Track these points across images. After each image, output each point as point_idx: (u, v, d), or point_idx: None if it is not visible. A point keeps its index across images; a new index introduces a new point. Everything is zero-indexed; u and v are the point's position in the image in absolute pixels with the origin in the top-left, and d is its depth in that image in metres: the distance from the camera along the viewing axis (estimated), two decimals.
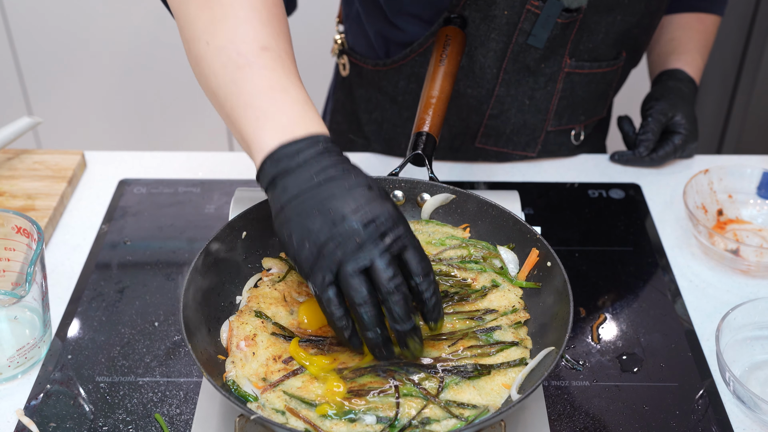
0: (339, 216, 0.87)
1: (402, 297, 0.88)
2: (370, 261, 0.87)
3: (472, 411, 0.92)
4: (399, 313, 0.88)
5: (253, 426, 0.89)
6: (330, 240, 0.87)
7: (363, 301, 0.87)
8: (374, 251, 0.87)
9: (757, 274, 1.25)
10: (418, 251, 0.90)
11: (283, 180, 0.90)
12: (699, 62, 1.53)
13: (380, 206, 0.88)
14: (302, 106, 0.95)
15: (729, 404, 1.06)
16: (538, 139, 1.47)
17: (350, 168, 0.92)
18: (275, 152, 0.91)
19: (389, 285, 0.87)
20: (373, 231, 0.87)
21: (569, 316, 0.96)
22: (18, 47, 2.63)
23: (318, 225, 0.87)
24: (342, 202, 0.88)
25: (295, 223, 0.89)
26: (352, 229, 0.87)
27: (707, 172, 1.35)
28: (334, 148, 0.93)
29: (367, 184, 0.90)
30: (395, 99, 1.48)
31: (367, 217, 0.87)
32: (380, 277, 0.87)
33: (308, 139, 0.91)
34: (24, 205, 1.33)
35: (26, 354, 1.07)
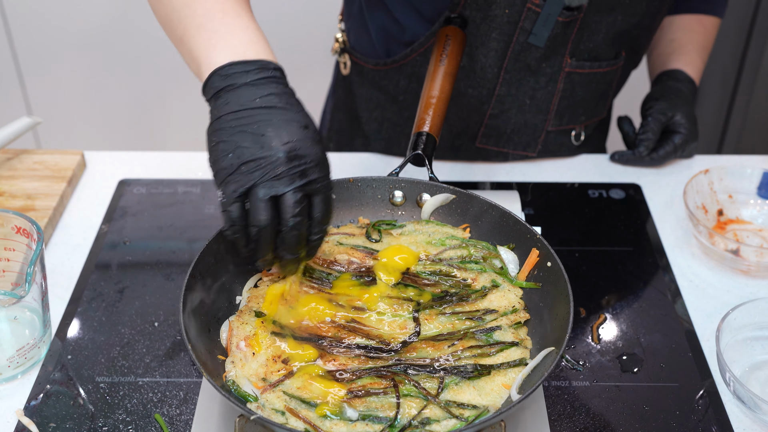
0: (269, 143, 0.91)
1: (298, 233, 0.94)
2: (283, 192, 0.92)
3: (472, 411, 0.92)
4: (290, 245, 0.95)
5: (252, 426, 0.89)
6: (253, 160, 0.91)
7: (262, 225, 0.92)
8: (289, 185, 0.91)
9: (757, 275, 1.25)
10: (327, 200, 0.96)
11: (227, 94, 0.95)
12: (699, 63, 1.54)
13: (310, 147, 0.93)
14: (254, 32, 1.00)
15: (729, 404, 1.06)
16: (539, 139, 1.46)
17: (294, 102, 0.96)
18: (224, 67, 0.95)
19: (292, 220, 0.92)
20: (295, 166, 0.92)
21: (569, 316, 0.96)
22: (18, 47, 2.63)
23: (246, 143, 0.92)
24: (276, 131, 0.92)
25: (225, 132, 0.93)
26: (277, 158, 0.91)
27: (707, 172, 1.35)
28: (281, 78, 0.97)
29: (305, 123, 0.94)
30: (396, 98, 1.48)
31: (294, 153, 0.92)
32: (286, 209, 0.92)
33: (259, 62, 0.96)
34: (24, 205, 1.32)
35: (26, 354, 1.07)
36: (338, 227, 1.16)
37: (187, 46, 1.01)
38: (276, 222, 0.93)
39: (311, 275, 1.08)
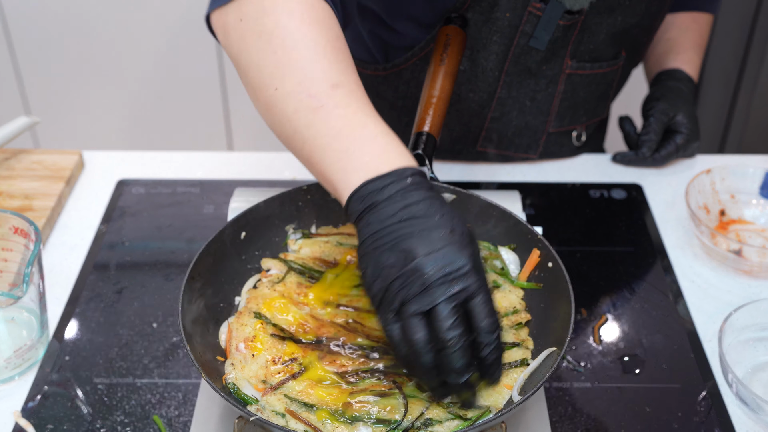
0: (411, 256, 0.85)
1: (459, 350, 0.84)
2: (433, 305, 0.84)
3: (473, 411, 0.92)
4: (453, 366, 0.85)
5: (252, 428, 0.88)
6: (397, 278, 0.85)
7: (420, 345, 0.85)
8: (438, 296, 0.84)
9: (759, 275, 1.24)
10: (487, 304, 0.86)
11: (368, 215, 0.88)
12: (696, 61, 1.53)
13: (456, 252, 0.85)
14: (384, 140, 0.93)
15: (731, 406, 1.05)
16: (540, 140, 1.46)
17: (437, 207, 0.88)
18: (360, 189, 0.89)
19: (448, 335, 0.84)
20: (441, 276, 0.84)
21: (570, 316, 0.95)
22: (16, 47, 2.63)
23: (390, 262, 0.86)
24: (417, 243, 0.85)
25: (370, 257, 0.87)
26: (421, 270, 0.84)
27: (709, 172, 1.34)
28: (422, 182, 0.90)
29: (450, 227, 0.87)
30: (394, 104, 1.47)
31: (439, 261, 0.84)
32: (440, 324, 0.84)
33: (394, 173, 0.89)
34: (21, 205, 1.32)
35: (23, 355, 1.06)
36: (338, 227, 1.16)
37: (316, 168, 0.94)
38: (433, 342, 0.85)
39: (311, 276, 1.07)
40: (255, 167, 1.47)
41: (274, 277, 1.07)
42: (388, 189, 0.88)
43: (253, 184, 1.41)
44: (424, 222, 0.87)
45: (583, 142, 1.51)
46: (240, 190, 1.19)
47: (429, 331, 0.85)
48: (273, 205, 1.11)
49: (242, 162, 1.48)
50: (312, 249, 1.10)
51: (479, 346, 0.86)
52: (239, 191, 1.19)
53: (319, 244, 1.11)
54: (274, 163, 1.47)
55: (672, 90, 1.47)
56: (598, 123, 1.56)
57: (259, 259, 1.10)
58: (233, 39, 1.01)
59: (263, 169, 1.46)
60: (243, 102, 2.72)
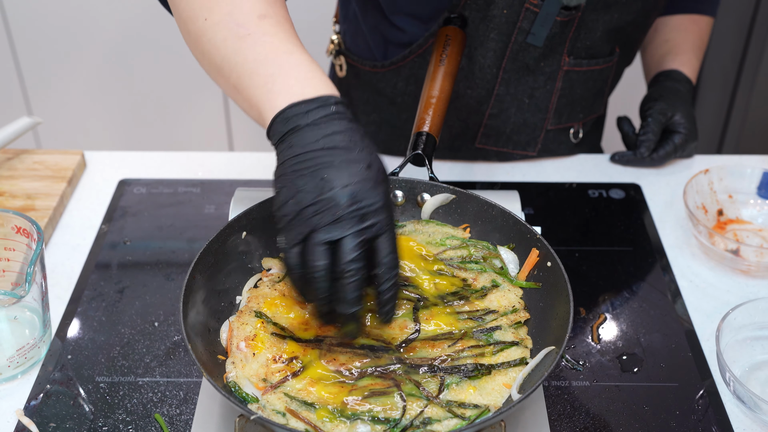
0: (328, 186, 0.87)
1: (355, 281, 0.88)
2: (341, 236, 0.87)
3: (473, 411, 0.92)
4: (345, 296, 0.89)
5: (252, 426, 0.89)
6: (311, 205, 0.87)
7: (318, 272, 0.88)
8: (347, 229, 0.87)
9: (757, 274, 1.25)
10: (391, 242, 0.90)
11: (291, 137, 0.91)
12: (694, 63, 1.54)
13: (371, 188, 0.88)
14: (309, 67, 0.95)
15: (729, 404, 1.06)
16: (538, 138, 1.47)
17: (357, 139, 0.91)
18: (285, 111, 0.91)
19: (347, 265, 0.87)
20: (354, 210, 0.87)
21: (569, 316, 0.96)
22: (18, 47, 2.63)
23: (307, 187, 0.88)
24: (336, 174, 0.88)
25: (288, 178, 0.90)
26: (336, 201, 0.87)
27: (707, 172, 1.35)
28: (345, 112, 0.93)
29: (368, 162, 0.90)
30: (394, 100, 1.48)
31: (355, 196, 0.87)
32: (342, 254, 0.87)
33: (318, 99, 0.92)
34: (24, 205, 1.32)
35: (26, 354, 1.07)
36: None
37: (243, 94, 0.97)
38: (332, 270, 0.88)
39: None
40: (255, 167, 1.47)
41: (274, 276, 1.08)
42: (312, 114, 0.91)
43: (254, 184, 1.41)
44: (345, 153, 0.89)
45: (580, 139, 1.51)
46: (241, 190, 1.19)
47: (331, 260, 0.87)
48: None
49: (243, 162, 1.49)
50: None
51: (379, 279, 0.90)
52: (240, 191, 1.19)
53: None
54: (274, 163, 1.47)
55: (670, 90, 1.48)
56: (595, 120, 1.57)
57: (259, 259, 1.10)
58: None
59: (264, 169, 1.46)
60: None
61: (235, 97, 1.00)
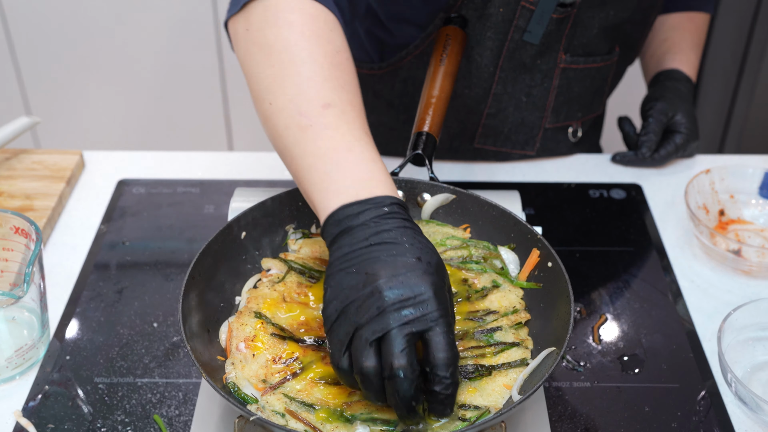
0: (372, 279, 0.82)
1: (405, 382, 0.81)
2: (385, 331, 0.81)
3: (473, 412, 0.92)
4: (397, 400, 0.82)
5: (252, 427, 0.89)
6: (355, 301, 0.83)
7: (367, 373, 0.82)
8: (391, 322, 0.80)
9: (759, 275, 1.25)
10: (446, 336, 0.82)
11: (342, 238, 0.87)
12: (694, 61, 1.54)
13: (417, 278, 0.82)
14: (368, 165, 0.91)
15: (731, 405, 1.06)
16: (537, 136, 1.46)
17: (409, 235, 0.86)
18: (336, 213, 0.88)
19: (395, 363, 0.80)
20: (400, 303, 0.81)
21: (570, 316, 0.95)
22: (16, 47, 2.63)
23: (351, 284, 0.84)
24: (380, 267, 0.83)
25: (334, 278, 0.86)
26: (379, 295, 0.81)
27: (709, 172, 1.34)
28: (398, 212, 0.88)
29: (418, 255, 0.84)
30: (392, 102, 1.48)
31: (399, 288, 0.81)
32: (388, 352, 0.80)
33: (372, 200, 0.88)
34: (22, 205, 1.32)
35: (24, 355, 1.07)
36: None
37: (302, 186, 0.94)
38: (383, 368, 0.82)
39: (311, 276, 1.07)
40: (255, 167, 1.47)
41: (274, 276, 1.07)
42: (363, 215, 0.87)
43: (254, 184, 1.41)
44: (393, 248, 0.85)
45: (579, 138, 1.51)
46: (240, 190, 1.19)
47: (379, 360, 0.81)
48: (273, 205, 1.11)
49: (242, 162, 1.48)
50: (312, 249, 1.11)
51: (432, 379, 0.83)
52: (239, 191, 1.19)
53: (320, 243, 1.11)
54: (274, 163, 1.47)
55: (670, 90, 1.48)
56: (594, 119, 1.56)
57: (259, 259, 1.10)
58: (240, 48, 1.02)
59: (263, 169, 1.46)
60: (243, 102, 2.72)
61: (297, 185, 0.97)
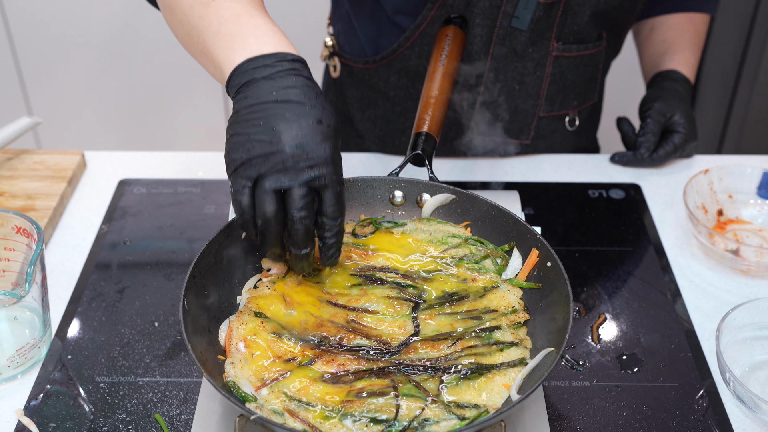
0: (278, 137, 0.92)
1: (303, 227, 0.95)
2: (288, 186, 0.93)
3: (472, 411, 0.92)
4: (296, 240, 0.96)
5: (253, 426, 0.89)
6: (261, 154, 0.92)
7: (268, 218, 0.94)
8: (295, 179, 0.92)
9: (757, 275, 1.25)
10: (336, 194, 0.96)
11: (247, 89, 0.95)
12: (692, 61, 1.54)
13: (319, 142, 0.93)
14: (270, 27, 1.00)
15: (729, 404, 1.06)
16: (531, 125, 1.47)
17: (311, 95, 0.95)
18: (242, 65, 0.96)
19: (296, 214, 0.93)
20: (302, 161, 0.92)
21: (569, 316, 0.96)
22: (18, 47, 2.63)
23: (257, 136, 0.93)
24: (286, 126, 0.92)
25: (241, 126, 0.94)
26: (284, 152, 0.92)
27: (707, 172, 1.35)
28: (301, 69, 0.97)
29: (319, 117, 0.94)
30: (387, 95, 1.49)
31: (303, 148, 0.92)
32: (291, 203, 0.93)
33: (276, 55, 0.96)
34: (24, 205, 1.32)
35: (26, 354, 1.07)
36: None
37: (208, 56, 1.03)
38: (282, 215, 0.95)
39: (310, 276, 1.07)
40: None
41: (274, 276, 1.08)
42: (268, 68, 0.95)
43: None
44: (297, 108, 0.93)
45: (576, 127, 1.51)
46: None
47: (277, 206, 0.93)
48: None
49: None
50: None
51: (323, 227, 0.97)
52: None
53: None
54: None
55: (669, 91, 1.48)
56: (591, 109, 1.56)
57: (259, 259, 1.10)
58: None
59: None
60: None
61: (203, 62, 1.05)
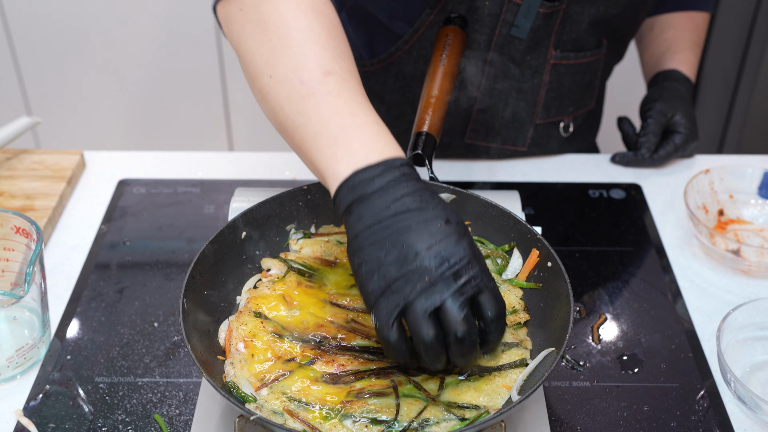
0: (412, 252, 0.84)
1: (471, 344, 0.85)
2: (441, 302, 0.84)
3: (472, 412, 0.92)
4: (465, 356, 0.87)
5: (252, 427, 0.89)
6: (401, 276, 0.84)
7: (431, 343, 0.84)
8: (446, 292, 0.83)
9: (758, 275, 1.25)
10: (494, 293, 0.87)
11: (359, 207, 0.88)
12: (693, 60, 1.54)
13: (456, 244, 0.85)
14: (373, 129, 0.92)
15: (730, 405, 1.06)
16: (527, 132, 1.47)
17: (428, 198, 0.88)
18: (349, 179, 0.88)
19: (460, 330, 0.84)
20: (446, 270, 0.84)
21: (569, 316, 0.96)
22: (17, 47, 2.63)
23: (390, 258, 0.85)
24: (416, 237, 0.84)
25: (366, 252, 0.86)
26: (425, 267, 0.83)
27: (708, 172, 1.34)
28: (411, 173, 0.90)
29: (445, 217, 0.86)
30: (383, 98, 1.49)
31: (441, 255, 0.84)
32: (451, 320, 0.84)
33: (383, 164, 0.89)
34: (23, 205, 1.32)
35: (25, 354, 1.07)
36: (339, 226, 1.16)
37: (307, 156, 0.94)
38: (443, 334, 0.85)
39: (311, 275, 1.07)
40: (255, 167, 1.47)
41: (274, 276, 1.08)
42: (378, 180, 0.88)
43: (254, 184, 1.41)
44: (420, 214, 0.86)
45: (570, 134, 1.51)
46: (240, 190, 1.19)
47: (437, 328, 0.84)
48: (273, 205, 1.11)
49: (242, 162, 1.49)
50: (313, 249, 1.11)
51: (488, 331, 0.88)
52: (240, 191, 1.19)
53: (320, 243, 1.12)
54: (274, 163, 1.47)
55: (669, 90, 1.48)
56: (587, 115, 1.56)
57: (259, 259, 1.10)
58: (234, 29, 1.03)
59: (263, 169, 1.46)
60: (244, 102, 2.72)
61: (301, 157, 0.97)
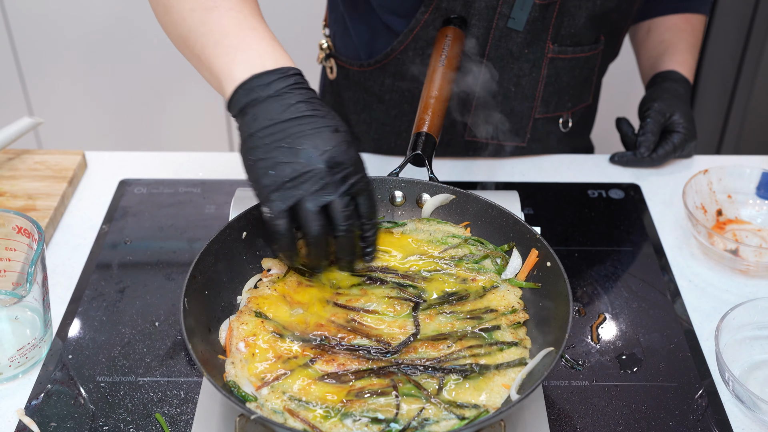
0: (306, 155, 0.94)
1: (352, 235, 0.98)
2: (331, 200, 0.95)
3: (471, 411, 0.93)
4: (347, 248, 0.99)
5: (253, 426, 0.89)
6: (297, 176, 0.94)
7: (318, 235, 0.96)
8: (335, 193, 0.94)
9: (756, 274, 1.25)
10: (371, 196, 0.99)
11: (254, 109, 0.96)
12: (690, 62, 1.55)
13: (345, 151, 0.95)
14: (270, 42, 1.01)
15: (728, 404, 1.06)
16: (527, 127, 1.47)
17: (320, 107, 0.97)
18: (246, 82, 0.97)
19: (345, 224, 0.96)
20: (337, 173, 0.94)
21: (568, 316, 0.96)
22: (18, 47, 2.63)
23: (285, 158, 0.94)
24: (311, 142, 0.94)
25: (262, 150, 0.95)
26: (319, 169, 0.93)
27: (706, 173, 1.35)
28: (304, 83, 0.99)
29: (335, 126, 0.96)
30: (382, 98, 1.49)
31: (333, 161, 0.94)
32: (337, 215, 0.95)
33: (279, 71, 0.98)
34: (25, 205, 1.33)
35: (27, 354, 1.07)
36: None
37: (206, 63, 1.03)
38: (329, 229, 0.96)
39: (311, 275, 1.08)
40: None
41: (274, 276, 1.08)
42: (273, 85, 0.97)
43: None
44: (313, 121, 0.96)
45: (569, 129, 1.52)
46: (241, 190, 1.20)
47: (324, 222, 0.95)
48: None
49: None
50: None
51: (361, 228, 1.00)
52: (240, 191, 1.19)
53: None
54: None
55: (668, 91, 1.48)
56: (584, 110, 1.57)
57: (259, 259, 1.10)
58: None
59: None
60: None
61: (197, 66, 1.06)
